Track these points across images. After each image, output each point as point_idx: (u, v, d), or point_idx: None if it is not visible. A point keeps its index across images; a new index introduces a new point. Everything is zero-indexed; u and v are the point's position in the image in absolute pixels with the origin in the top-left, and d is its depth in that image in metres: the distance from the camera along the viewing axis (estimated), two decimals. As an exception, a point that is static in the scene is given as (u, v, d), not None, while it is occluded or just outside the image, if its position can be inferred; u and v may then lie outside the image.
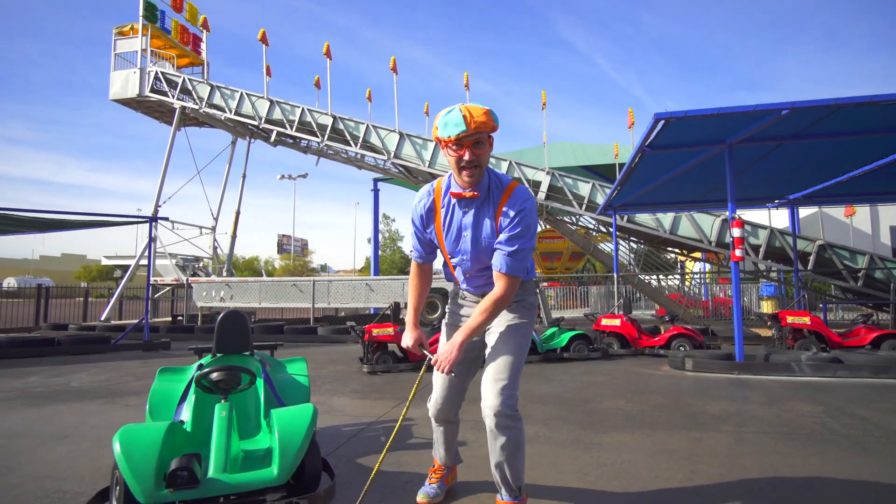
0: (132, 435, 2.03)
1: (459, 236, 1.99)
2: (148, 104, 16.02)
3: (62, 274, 49.80)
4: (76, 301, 17.44)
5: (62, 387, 5.39)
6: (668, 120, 5.16)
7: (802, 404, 4.28)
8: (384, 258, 37.13)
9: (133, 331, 9.62)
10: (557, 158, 19.16)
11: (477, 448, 3.14)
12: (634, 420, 3.80)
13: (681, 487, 2.46)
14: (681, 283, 18.66)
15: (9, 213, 8.42)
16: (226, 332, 2.91)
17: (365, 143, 13.92)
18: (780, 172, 7.98)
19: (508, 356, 1.96)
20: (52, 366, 7.01)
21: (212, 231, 17.13)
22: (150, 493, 1.88)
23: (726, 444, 3.19)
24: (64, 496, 2.43)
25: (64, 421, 3.93)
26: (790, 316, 7.07)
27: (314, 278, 13.46)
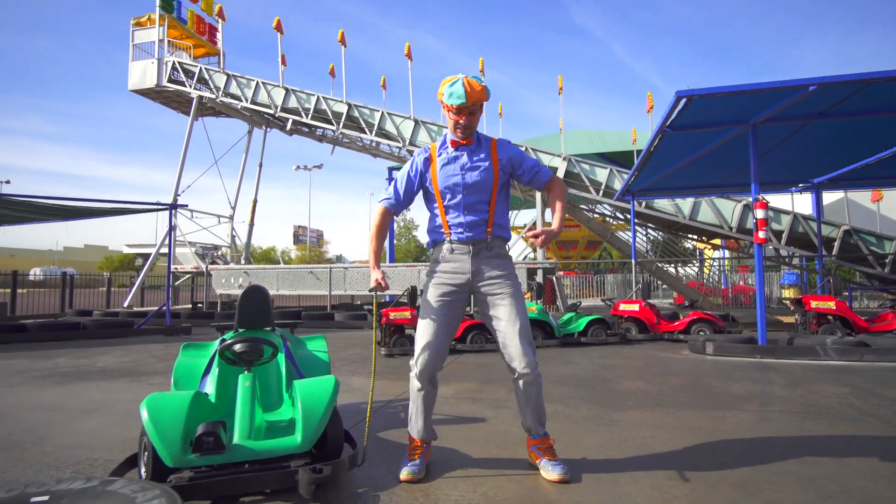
0: (159, 402, 2.07)
1: (461, 173, 2.35)
2: (166, 94, 16.19)
3: (85, 264, 50.85)
4: (99, 290, 17.83)
5: (89, 367, 5.52)
6: (690, 98, 5.05)
7: (829, 386, 4.20)
8: (399, 247, 37.21)
9: (155, 316, 9.81)
10: (574, 146, 18.90)
11: (496, 424, 3.15)
12: (654, 399, 3.77)
13: (706, 461, 2.43)
14: (699, 271, 18.42)
15: (32, 200, 8.61)
16: (247, 307, 2.94)
17: (380, 131, 13.91)
18: (804, 155, 7.79)
19: (524, 321, 2.29)
20: (78, 348, 7.18)
21: (229, 220, 17.32)
22: (177, 457, 1.92)
23: (750, 422, 3.14)
24: (94, 463, 2.49)
25: (92, 397, 4.03)
26: (815, 301, 6.93)
27: (330, 265, 13.56)
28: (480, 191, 2.32)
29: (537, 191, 2.35)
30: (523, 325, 2.25)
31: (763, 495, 2.05)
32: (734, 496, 2.04)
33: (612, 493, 2.08)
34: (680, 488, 2.12)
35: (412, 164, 2.43)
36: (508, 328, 2.24)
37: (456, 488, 2.15)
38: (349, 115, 14.02)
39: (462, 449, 2.66)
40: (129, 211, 10.42)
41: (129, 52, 16.14)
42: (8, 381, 4.70)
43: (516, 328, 2.23)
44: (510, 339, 2.24)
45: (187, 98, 15.92)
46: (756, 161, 5.83)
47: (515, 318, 2.25)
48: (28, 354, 6.57)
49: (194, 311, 13.37)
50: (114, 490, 1.38)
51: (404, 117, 13.67)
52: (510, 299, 2.28)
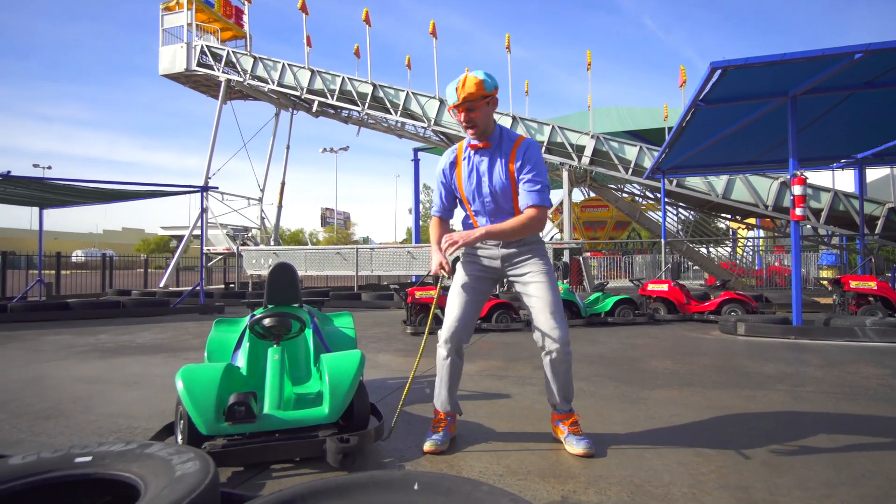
0: (193, 373, 2.15)
1: (479, 181, 2.30)
2: (195, 78, 16.43)
3: (123, 246, 52.80)
4: (136, 271, 18.50)
5: (129, 343, 5.76)
6: (725, 69, 4.84)
7: (866, 367, 4.07)
8: (424, 228, 37.33)
9: (190, 295, 10.13)
10: (603, 124, 18.50)
11: (521, 400, 3.16)
12: (683, 378, 3.72)
13: (735, 439, 2.40)
14: (732, 252, 17.93)
15: (73, 184, 8.93)
16: (275, 283, 3.01)
17: (405, 111, 13.85)
18: (846, 128, 7.42)
19: (555, 298, 2.28)
20: (119, 326, 7.50)
21: (259, 202, 17.63)
22: (210, 425, 2.00)
23: (782, 402, 3.07)
24: (134, 430, 2.61)
25: (132, 370, 4.21)
26: (854, 281, 6.68)
27: (357, 246, 13.71)
28: (501, 197, 2.28)
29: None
30: (554, 302, 2.25)
31: (794, 473, 2.01)
32: (763, 474, 2.01)
33: (636, 468, 2.07)
34: (707, 465, 2.10)
35: (441, 172, 2.41)
36: (539, 304, 2.26)
37: (480, 460, 2.18)
38: (374, 96, 13.99)
39: (486, 423, 2.69)
40: (162, 193, 10.72)
41: (159, 37, 16.40)
42: (55, 355, 4.94)
43: (547, 305, 2.24)
44: (541, 315, 2.24)
45: (216, 82, 16.12)
46: (795, 135, 5.58)
47: (545, 294, 2.26)
48: (72, 331, 6.89)
49: (227, 290, 13.76)
50: (151, 453, 1.45)
51: (429, 97, 13.57)
52: (540, 276, 2.29)
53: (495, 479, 1.97)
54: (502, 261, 2.35)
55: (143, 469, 1.38)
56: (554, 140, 12.66)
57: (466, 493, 1.18)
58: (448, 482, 1.23)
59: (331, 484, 1.24)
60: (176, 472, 1.33)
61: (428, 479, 1.24)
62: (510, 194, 2.27)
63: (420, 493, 1.21)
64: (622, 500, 1.79)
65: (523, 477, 2.00)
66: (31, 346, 5.51)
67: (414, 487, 1.22)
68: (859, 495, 1.81)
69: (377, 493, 1.22)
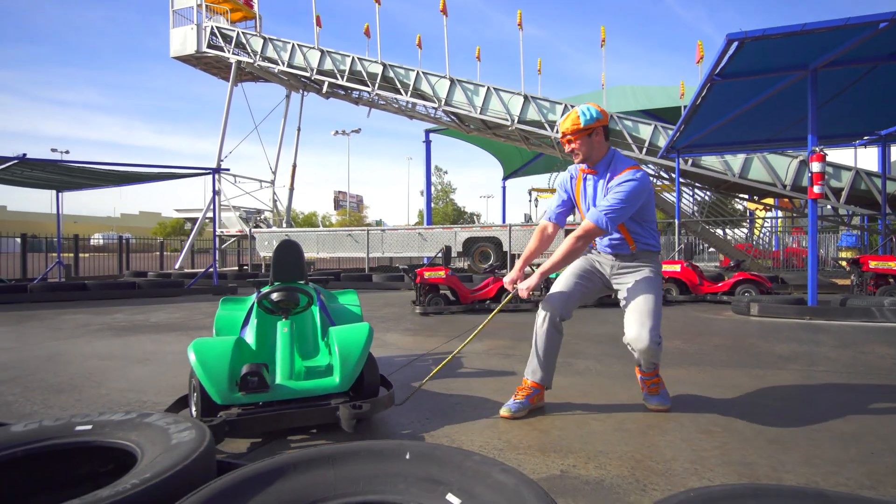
0: (205, 346, 2.18)
1: (586, 201, 2.53)
2: (206, 60, 16.41)
3: (140, 230, 53.60)
4: (153, 254, 18.79)
5: (143, 322, 5.86)
6: (742, 41, 4.68)
7: (881, 347, 3.98)
8: (437, 210, 37.28)
9: (203, 276, 10.26)
10: (618, 103, 18.10)
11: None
12: (692, 358, 3.67)
13: (743, 417, 2.37)
14: (749, 233, 17.62)
15: (87, 166, 9.04)
16: (281, 260, 3.02)
17: (415, 91, 13.70)
18: (869, 103, 7.17)
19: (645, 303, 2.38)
20: (134, 306, 7.64)
21: (271, 184, 17.71)
22: (224, 394, 2.03)
23: (792, 380, 3.02)
24: (143, 404, 2.66)
25: (145, 348, 4.28)
26: (873, 261, 6.51)
27: (368, 228, 13.73)
28: None
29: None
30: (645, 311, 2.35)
31: (800, 450, 1.97)
32: (768, 450, 1.98)
33: (637, 443, 2.05)
34: (711, 441, 2.07)
35: (563, 182, 2.66)
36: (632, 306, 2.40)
37: (481, 435, 2.18)
38: (384, 76, 13.85)
39: (491, 399, 2.69)
40: (174, 175, 10.80)
41: (170, 19, 16.37)
42: (72, 333, 5.05)
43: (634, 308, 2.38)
44: (626, 316, 2.41)
45: (226, 63, 16.09)
46: (815, 110, 5.40)
47: (636, 298, 2.40)
48: (89, 310, 7.03)
49: (240, 272, 13.92)
50: (150, 422, 1.47)
51: (440, 76, 13.39)
52: (635, 283, 2.45)
53: (495, 454, 1.97)
54: (611, 270, 2.55)
55: (141, 437, 1.40)
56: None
57: (457, 462, 1.17)
58: (440, 452, 1.22)
59: (324, 452, 1.24)
60: (172, 440, 1.35)
61: (420, 448, 1.24)
62: None
63: (411, 462, 1.21)
64: (622, 474, 1.78)
65: (523, 451, 1.99)
66: (49, 325, 5.64)
67: (406, 457, 1.22)
68: (867, 472, 1.78)
69: (369, 461, 1.22)
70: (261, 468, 1.17)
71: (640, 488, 1.68)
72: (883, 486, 1.67)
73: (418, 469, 1.19)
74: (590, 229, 2.36)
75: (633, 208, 2.37)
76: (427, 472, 1.18)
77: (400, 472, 1.19)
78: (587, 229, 2.36)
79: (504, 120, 12.77)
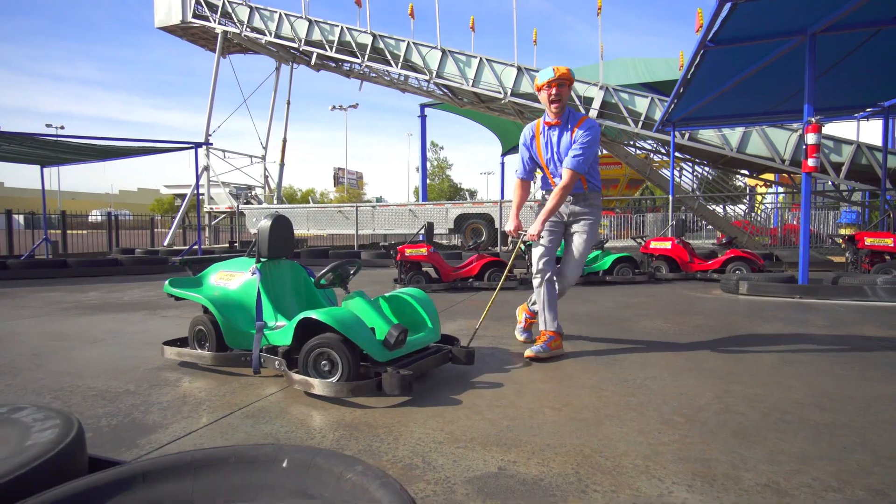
0: (348, 320, 2.37)
1: (552, 151, 3.02)
2: (192, 31, 15.91)
3: (139, 206, 53.29)
4: (146, 231, 18.59)
5: (115, 300, 5.71)
6: (735, 3, 4.38)
7: (871, 328, 3.80)
8: (433, 186, 36.90)
9: (188, 254, 10.10)
10: (618, 76, 17.61)
11: (492, 362, 2.99)
12: (670, 339, 3.50)
13: (710, 405, 2.20)
14: (748, 210, 17.33)
15: (65, 140, 8.78)
16: (277, 236, 2.95)
17: (406, 63, 13.28)
18: (872, 72, 6.84)
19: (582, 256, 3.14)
20: (114, 283, 7.48)
21: (262, 160, 17.39)
22: (384, 354, 2.37)
23: (770, 363, 2.85)
24: (75, 389, 2.50)
25: (106, 327, 4.12)
26: (869, 238, 6.30)
27: (357, 205, 13.49)
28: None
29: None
30: (580, 258, 3.13)
31: (766, 445, 1.81)
32: (731, 444, 1.81)
33: (590, 436, 1.89)
34: (670, 433, 1.90)
35: (522, 139, 3.13)
36: (568, 256, 3.15)
37: (424, 425, 2.01)
38: (374, 47, 13.41)
39: (445, 385, 2.52)
40: (157, 150, 10.54)
41: (154, -13, 15.82)
42: (37, 312, 4.90)
43: (573, 258, 3.13)
44: (565, 265, 3.16)
45: (213, 34, 15.60)
46: (813, 78, 5.11)
47: (574, 251, 3.12)
48: (67, 288, 6.88)
49: (230, 249, 13.74)
50: (17, 418, 1.29)
51: (431, 47, 12.94)
52: (577, 237, 3.12)
53: (432, 447, 1.81)
54: (569, 217, 3.13)
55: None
56: (561, 92, 12.06)
57: (336, 474, 1.00)
58: (321, 460, 1.05)
59: (185, 458, 1.06)
60: (28, 440, 1.17)
61: (300, 455, 1.06)
62: None
63: (287, 471, 1.03)
64: (564, 472, 1.61)
65: (464, 444, 1.83)
66: (17, 303, 5.49)
67: (283, 465, 1.04)
68: (835, 472, 1.61)
69: (238, 470, 1.04)
70: (106, 478, 0.99)
71: (580, 489, 1.51)
72: (850, 488, 1.51)
73: (293, 481, 1.02)
74: (572, 175, 2.89)
75: (596, 151, 2.96)
76: (301, 485, 1.00)
77: (271, 483, 1.02)
78: (570, 176, 2.89)
79: (497, 93, 12.39)
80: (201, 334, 2.89)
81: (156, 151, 10.48)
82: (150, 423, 2.06)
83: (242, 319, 2.80)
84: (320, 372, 2.38)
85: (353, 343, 2.31)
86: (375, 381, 2.26)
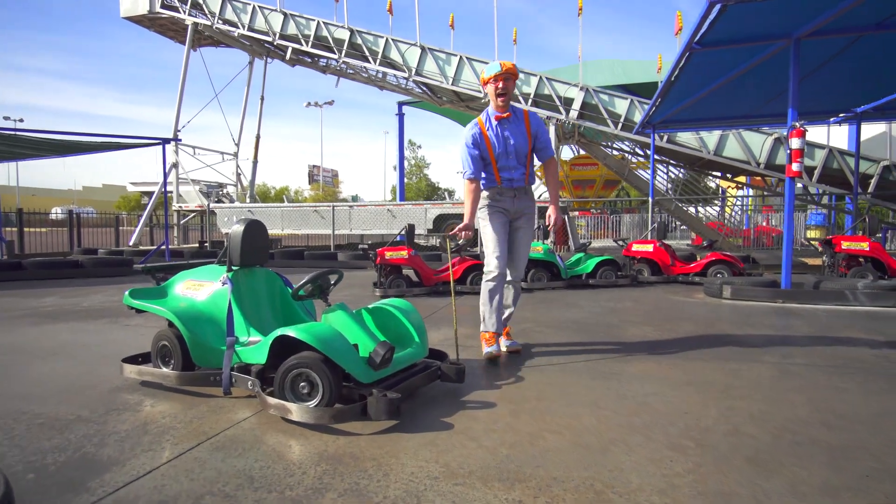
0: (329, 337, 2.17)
1: (505, 144, 3.08)
2: (160, 22, 15.30)
3: (104, 203, 51.31)
4: (111, 229, 17.82)
5: (73, 307, 5.34)
6: (725, 5, 4.32)
7: (859, 334, 3.78)
8: (410, 185, 36.62)
9: (155, 255, 9.65)
10: (595, 78, 17.65)
11: (481, 378, 2.82)
12: (662, 348, 3.40)
13: (717, 426, 2.08)
14: (720, 211, 17.64)
15: (22, 134, 8.27)
16: (250, 243, 2.68)
17: (385, 59, 13.02)
18: (847, 79, 6.93)
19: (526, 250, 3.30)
20: (74, 287, 7.05)
21: (234, 157, 16.87)
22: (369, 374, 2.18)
23: (769, 376, 2.76)
24: (20, 416, 2.22)
25: (60, 339, 3.80)
26: (846, 241, 6.37)
27: (334, 204, 13.17)
28: (520, 154, 3.10)
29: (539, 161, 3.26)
30: (525, 252, 3.29)
31: (785, 473, 1.68)
32: (749, 474, 1.68)
33: (599, 466, 1.73)
34: (683, 462, 1.77)
35: (471, 139, 3.07)
36: (518, 251, 3.25)
37: (416, 456, 1.83)
38: (352, 43, 13.11)
39: (436, 405, 2.35)
40: (121, 146, 10.04)
41: (119, -25, 15.16)
42: (-16, 321, 4.52)
43: (521, 253, 3.25)
44: (515, 259, 3.25)
45: (182, 26, 15.04)
46: (797, 83, 5.11)
47: (522, 246, 3.25)
48: (22, 293, 6.44)
49: (200, 249, 13.25)
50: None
51: (410, 44, 12.72)
52: (524, 232, 3.24)
53: (428, 484, 1.63)
54: (513, 211, 3.19)
55: None
56: (541, 92, 12.01)
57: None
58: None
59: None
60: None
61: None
62: (526, 152, 3.11)
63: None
64: (576, 514, 1.46)
65: (462, 480, 1.65)
66: (-37, 311, 5.08)
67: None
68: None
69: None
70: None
71: (596, 536, 1.35)
72: (886, 527, 1.39)
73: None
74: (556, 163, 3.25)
75: None
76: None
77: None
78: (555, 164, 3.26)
79: (477, 92, 12.25)
80: (165, 350, 2.64)
81: (121, 147, 9.98)
82: (105, 458, 1.82)
83: (212, 334, 2.56)
84: (298, 394, 2.17)
85: (336, 363, 2.11)
86: (360, 406, 2.07)
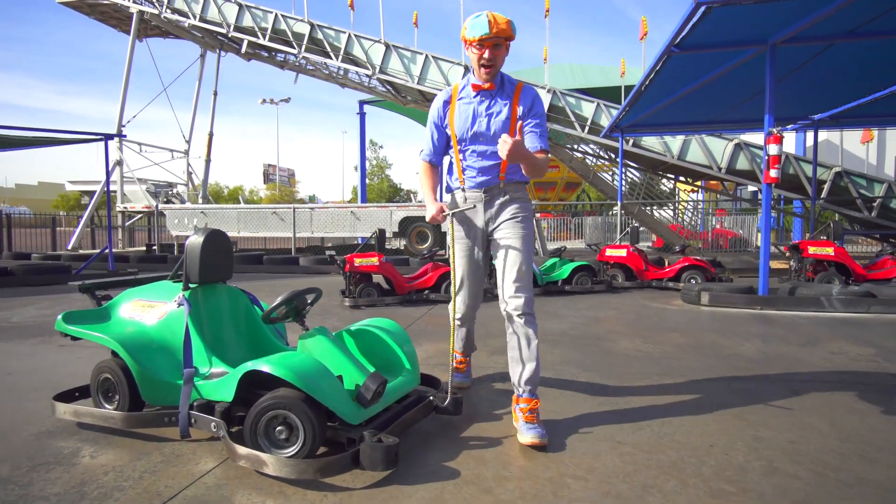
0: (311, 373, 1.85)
1: (476, 121, 2.25)
2: (101, 8, 14.24)
3: (40, 202, 47.83)
4: (48, 230, 16.48)
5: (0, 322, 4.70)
6: (710, 6, 4.22)
7: (848, 345, 3.74)
8: (371, 187, 35.98)
9: (96, 260, 8.87)
10: (557, 80, 17.77)
11: (475, 403, 2.54)
12: (660, 365, 3.22)
13: (747, 463, 1.88)
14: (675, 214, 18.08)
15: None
16: (212, 256, 2.29)
17: (347, 56, 12.57)
18: (811, 87, 7.10)
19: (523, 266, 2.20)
20: (2, 299, 6.30)
21: (185, 155, 15.93)
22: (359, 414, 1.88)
23: (781, 397, 2.61)
24: (-85, 481, 1.78)
25: (-21, 365, 3.26)
26: (812, 247, 6.48)
27: (294, 205, 12.59)
28: (496, 137, 2.20)
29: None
30: (520, 270, 2.19)
31: (846, 525, 1.49)
32: (808, 528, 1.47)
33: (642, 527, 1.48)
34: (732, 515, 1.54)
35: (435, 111, 2.35)
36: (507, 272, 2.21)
37: (410, 497, 1.52)
38: (312, 37, 12.58)
39: (434, 443, 2.05)
40: (60, 141, 9.18)
41: (55, -43, 14.01)
42: None
43: (511, 274, 2.19)
44: (505, 282, 2.21)
45: (127, 13, 14.05)
46: (773, 88, 5.11)
47: (512, 264, 2.20)
48: (-65, 306, 5.68)
49: (147, 254, 12.37)
50: None
51: (374, 41, 12.32)
52: (511, 242, 2.24)
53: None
54: (487, 224, 2.32)
55: None
56: (508, 94, 11.86)
57: None
58: None
59: None
60: None
61: None
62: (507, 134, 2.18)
63: None
64: None
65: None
66: None
67: None
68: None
69: None
70: None
71: None
72: None
73: None
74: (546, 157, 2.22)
75: None
76: None
77: None
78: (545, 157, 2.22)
79: (443, 92, 11.99)
80: (108, 385, 2.23)
81: (58, 143, 9.13)
82: (26, 542, 1.43)
83: (165, 366, 2.16)
84: (274, 440, 1.82)
85: (319, 402, 1.78)
86: (351, 455, 1.74)
